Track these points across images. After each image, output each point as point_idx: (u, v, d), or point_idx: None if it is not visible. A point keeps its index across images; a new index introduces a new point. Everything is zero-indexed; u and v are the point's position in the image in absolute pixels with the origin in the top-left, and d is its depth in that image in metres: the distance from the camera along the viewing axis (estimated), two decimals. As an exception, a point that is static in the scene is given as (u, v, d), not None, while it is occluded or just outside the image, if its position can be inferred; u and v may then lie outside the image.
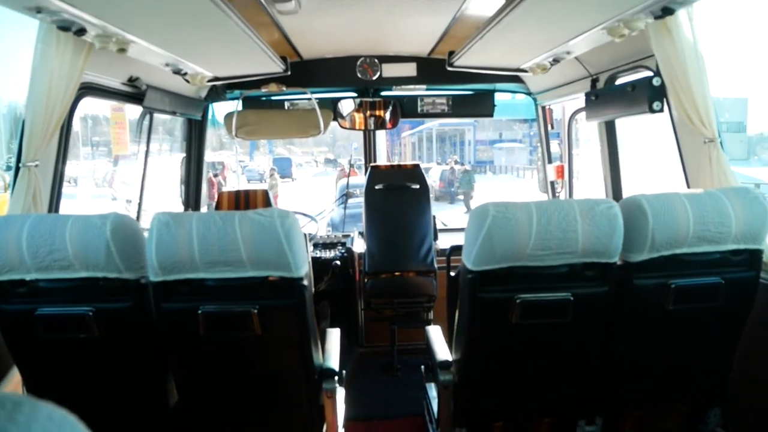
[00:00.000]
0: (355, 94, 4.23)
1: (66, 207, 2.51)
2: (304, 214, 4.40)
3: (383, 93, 4.24)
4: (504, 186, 28.57)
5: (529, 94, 4.14)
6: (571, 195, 4.07)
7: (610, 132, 3.19)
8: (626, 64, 2.81)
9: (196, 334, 1.78)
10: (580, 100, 3.89)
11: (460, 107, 4.23)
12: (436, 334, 2.49)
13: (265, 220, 1.65)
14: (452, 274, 2.87)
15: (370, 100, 4.22)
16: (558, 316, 1.79)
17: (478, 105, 4.24)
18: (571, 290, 1.78)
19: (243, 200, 2.98)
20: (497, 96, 4.26)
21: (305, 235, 3.22)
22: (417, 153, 54.78)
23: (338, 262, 3.99)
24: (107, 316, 1.79)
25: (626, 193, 3.30)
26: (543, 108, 4.09)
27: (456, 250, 2.90)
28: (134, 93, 2.85)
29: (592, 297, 1.80)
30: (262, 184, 25.31)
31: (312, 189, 29.09)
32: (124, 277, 1.76)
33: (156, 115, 3.34)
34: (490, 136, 50.89)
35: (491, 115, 4.24)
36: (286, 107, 4.21)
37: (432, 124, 51.03)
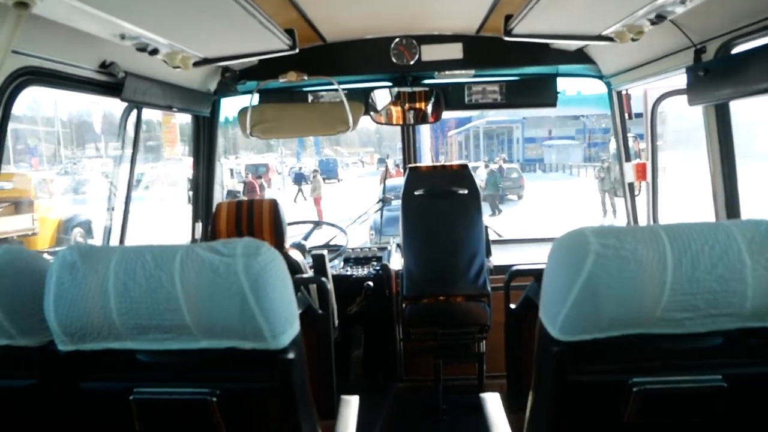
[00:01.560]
0: (390, 84, 3.59)
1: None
2: (332, 225, 3.78)
3: (424, 81, 3.58)
4: (556, 185, 27.38)
5: (600, 77, 3.40)
6: (654, 201, 3.31)
7: (722, 119, 2.44)
8: (749, 25, 2.07)
9: (129, 430, 1.17)
10: (669, 82, 3.14)
11: (516, 96, 3.53)
12: (493, 404, 1.82)
13: (221, 262, 1.02)
14: (513, 306, 2.22)
15: (409, 89, 3.56)
16: (701, 412, 1.10)
17: (538, 93, 3.53)
18: (725, 371, 1.08)
19: (246, 213, 2.38)
20: (561, 83, 3.54)
21: (322, 256, 2.60)
22: (464, 152, 53.81)
23: (371, 283, 3.36)
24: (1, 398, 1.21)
25: (744, 208, 2.54)
26: (619, 94, 3.34)
27: (518, 276, 2.23)
28: (109, 83, 2.28)
29: (759, 381, 1.10)
30: (305, 186, 24.92)
31: (358, 190, 28.74)
32: (18, 344, 1.18)
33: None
34: (539, 133, 49.59)
35: (553, 104, 3.52)
36: (309, 100, 3.61)
37: (479, 122, 50.11)
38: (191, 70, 2.99)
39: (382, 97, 3.57)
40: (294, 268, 2.41)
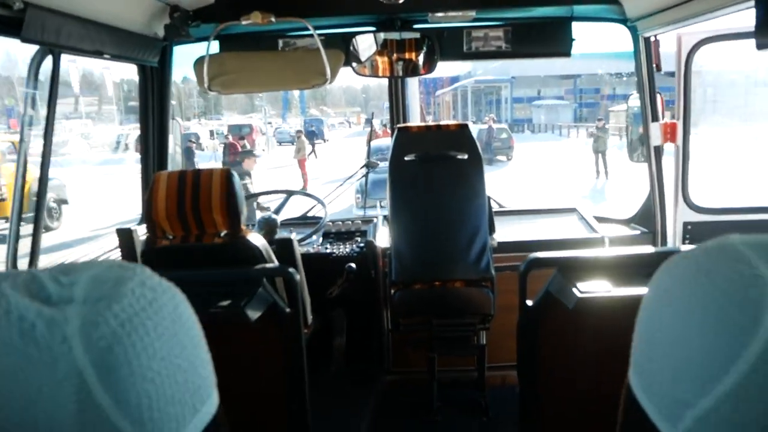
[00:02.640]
0: (375, 28, 3.03)
1: None
2: (308, 194, 3.27)
3: (415, 26, 3.02)
4: (546, 146, 26.89)
5: (624, 20, 2.87)
6: (684, 169, 2.83)
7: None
8: None
9: None
10: (706, 26, 2.63)
11: (523, 43, 2.99)
12: (495, 402, 1.36)
13: (40, 318, 0.51)
14: (530, 302, 1.77)
15: (397, 36, 3.01)
16: None
17: (549, 39, 2.99)
18: None
19: (190, 186, 1.85)
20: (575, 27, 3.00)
21: (289, 241, 2.10)
22: (452, 112, 52.91)
23: (353, 265, 2.88)
24: None
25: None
26: (647, 40, 2.82)
27: (537, 266, 1.77)
28: (5, 17, 1.72)
29: None
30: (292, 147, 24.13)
31: (344, 151, 28.13)
32: None
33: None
34: (528, 93, 48.91)
35: (567, 54, 2.99)
36: (279, 48, 3.05)
37: (467, 81, 49.27)
38: (129, 8, 2.43)
39: (365, 44, 3.02)
40: (254, 256, 1.92)
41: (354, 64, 3.02)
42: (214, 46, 2.98)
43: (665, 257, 0.53)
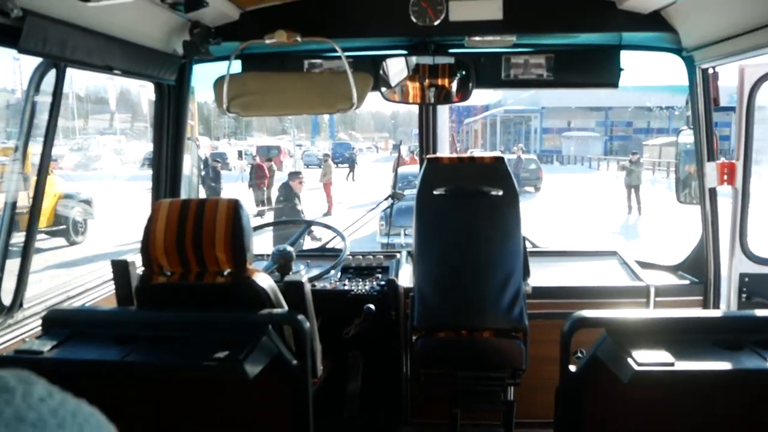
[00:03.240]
0: (406, 51, 2.85)
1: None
2: (326, 226, 3.06)
3: (450, 50, 2.83)
4: (575, 178, 26.43)
5: (679, 50, 2.63)
6: (744, 215, 2.55)
7: None
8: None
9: None
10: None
11: (567, 72, 2.77)
12: None
13: None
14: (573, 368, 1.53)
15: (431, 60, 2.82)
16: None
17: (595, 68, 2.77)
18: None
19: (193, 218, 1.65)
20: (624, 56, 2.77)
21: (299, 285, 1.89)
22: (479, 141, 52.69)
23: (372, 307, 2.64)
24: None
25: None
26: (704, 72, 2.57)
27: (583, 327, 1.53)
28: (4, 25, 1.57)
29: None
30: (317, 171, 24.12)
31: (371, 176, 28.09)
32: None
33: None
34: (557, 124, 48.60)
35: (614, 84, 2.76)
36: (304, 69, 2.88)
37: (497, 111, 49.17)
38: (145, 22, 2.28)
39: (396, 68, 2.83)
40: (260, 300, 1.70)
41: (383, 89, 2.83)
42: (236, 66, 2.83)
43: (737, 323, 0.35)
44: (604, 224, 13.92)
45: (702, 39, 2.46)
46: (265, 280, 1.73)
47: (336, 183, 20.93)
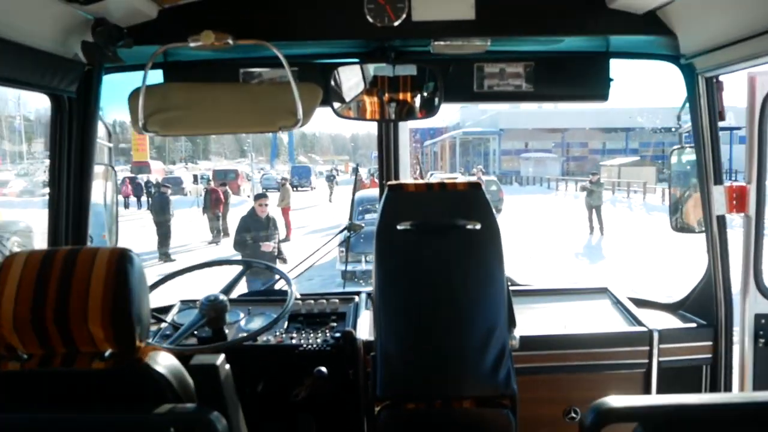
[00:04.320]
0: (362, 58, 2.42)
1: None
2: (271, 267, 2.56)
3: (413, 56, 2.41)
4: (535, 199, 26.48)
5: (676, 57, 2.27)
6: (758, 245, 2.19)
7: None
8: None
9: None
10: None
11: (549, 83, 2.38)
12: None
13: None
14: None
15: (390, 70, 2.40)
16: None
17: (580, 78, 2.39)
18: None
19: (57, 277, 1.13)
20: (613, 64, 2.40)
21: (212, 369, 1.39)
22: (439, 163, 52.87)
23: (323, 369, 2.16)
24: None
25: None
26: (708, 81, 2.21)
27: (613, 417, 1.10)
28: None
29: None
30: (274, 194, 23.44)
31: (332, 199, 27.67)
32: None
33: None
34: (515, 145, 49.32)
35: (603, 97, 2.39)
36: (240, 79, 2.42)
37: (456, 132, 49.54)
38: (33, 17, 1.80)
39: (350, 78, 2.39)
40: (157, 390, 1.20)
41: (335, 104, 2.38)
42: (157, 76, 2.35)
43: None
44: (567, 246, 13.74)
45: (704, 44, 2.10)
46: (164, 362, 1.23)
47: (302, 205, 20.39)
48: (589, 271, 10.73)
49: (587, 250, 13.57)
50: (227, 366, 1.28)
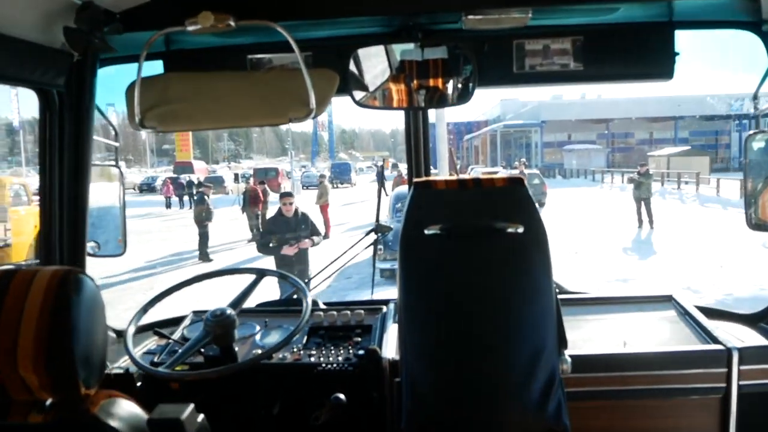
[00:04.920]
0: (383, 39, 2.13)
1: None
2: (285, 276, 2.30)
3: (442, 33, 2.11)
4: (580, 192, 25.64)
5: (757, 24, 1.91)
6: None
7: None
8: None
9: None
10: None
11: (602, 61, 2.05)
12: None
13: None
14: None
15: (418, 53, 2.11)
16: None
17: (640, 54, 2.05)
18: None
19: None
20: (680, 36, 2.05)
21: (174, 424, 1.12)
22: (480, 157, 52.06)
23: (342, 397, 1.89)
24: None
25: None
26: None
27: None
28: None
29: None
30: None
31: (370, 195, 27.52)
32: None
33: None
34: (558, 137, 48.24)
35: (668, 75, 2.04)
36: (248, 67, 2.17)
37: (496, 126, 48.76)
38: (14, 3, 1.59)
39: (370, 61, 2.12)
40: None
41: (354, 92, 2.10)
42: (156, 66, 2.12)
43: None
44: (615, 241, 13.15)
45: None
46: (121, 412, 0.98)
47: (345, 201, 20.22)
48: (639, 268, 10.17)
49: (636, 245, 12.95)
50: (200, 417, 1.02)
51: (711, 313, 2.27)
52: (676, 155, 33.70)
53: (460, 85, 2.10)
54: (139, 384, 1.99)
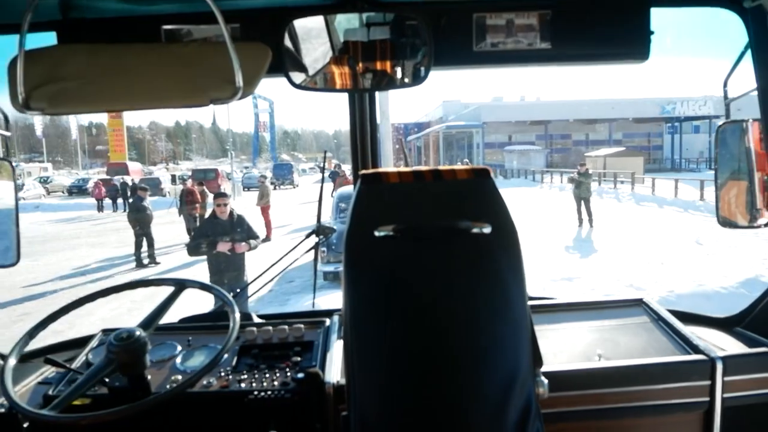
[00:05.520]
0: (324, 10, 1.84)
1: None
2: (208, 288, 1.96)
3: (393, 5, 1.84)
4: (521, 191, 26.01)
5: (737, 1, 1.73)
6: None
7: None
8: None
9: None
10: None
11: (572, 39, 1.83)
12: None
13: None
14: None
15: (363, 22, 1.83)
16: None
17: (613, 33, 1.84)
18: None
19: None
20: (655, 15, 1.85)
21: None
22: (422, 158, 52.32)
23: None
24: None
25: None
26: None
27: None
28: None
29: None
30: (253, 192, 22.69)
31: (313, 197, 27.13)
32: None
33: None
34: (499, 138, 49.17)
35: (643, 56, 1.83)
36: (162, 39, 1.83)
37: (439, 126, 49.19)
38: None
39: (309, 35, 1.82)
40: None
41: (291, 71, 1.80)
42: (49, 38, 1.76)
43: None
44: (556, 239, 13.27)
45: None
46: None
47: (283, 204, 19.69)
48: (582, 266, 10.24)
49: (578, 244, 13.12)
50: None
51: (684, 317, 2.09)
52: (612, 156, 34.79)
53: (412, 65, 1.83)
54: (26, 425, 1.63)
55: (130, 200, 26.37)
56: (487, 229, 1.39)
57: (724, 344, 1.92)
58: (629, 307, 2.16)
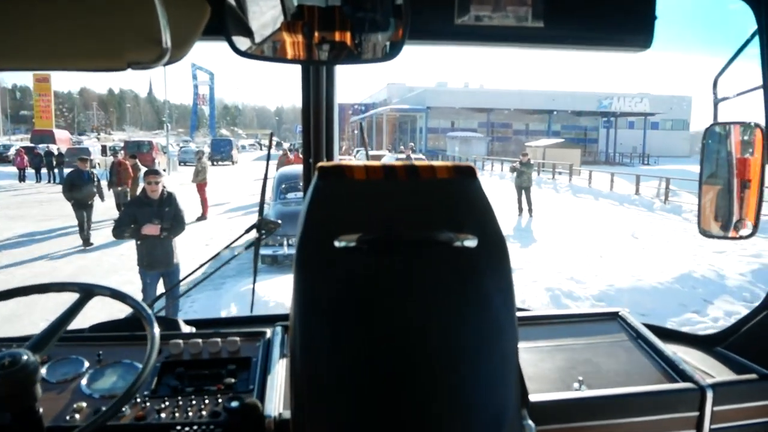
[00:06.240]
0: None
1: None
2: (123, 298, 1.62)
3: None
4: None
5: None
6: None
7: None
8: None
9: None
10: None
11: (567, 20, 1.59)
12: None
13: None
14: None
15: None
16: None
17: (612, 15, 1.61)
18: None
19: None
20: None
21: None
22: (366, 140, 51.93)
23: None
24: None
25: None
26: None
27: None
28: None
29: None
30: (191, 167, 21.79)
31: (254, 174, 26.59)
32: None
33: None
34: (442, 124, 49.39)
35: (645, 44, 1.61)
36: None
37: (383, 109, 48.91)
38: None
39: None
40: None
41: (234, 35, 1.47)
42: None
43: None
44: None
45: None
46: None
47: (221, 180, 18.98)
48: (523, 257, 10.28)
49: (518, 233, 13.21)
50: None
51: (661, 333, 1.92)
52: (551, 147, 35.59)
53: (381, 37, 1.54)
54: None
55: (56, 170, 24.85)
56: (472, 242, 1.13)
57: (706, 367, 1.76)
58: (605, 321, 1.97)
